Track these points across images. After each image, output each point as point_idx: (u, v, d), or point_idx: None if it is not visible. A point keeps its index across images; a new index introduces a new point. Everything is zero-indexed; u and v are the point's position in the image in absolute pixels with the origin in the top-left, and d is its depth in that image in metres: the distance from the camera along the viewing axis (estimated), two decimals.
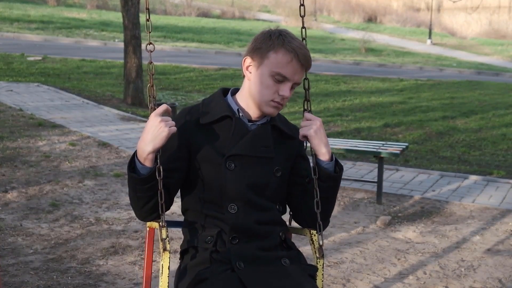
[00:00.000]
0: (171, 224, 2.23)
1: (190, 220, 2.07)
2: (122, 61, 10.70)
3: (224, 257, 1.96)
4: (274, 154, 2.04)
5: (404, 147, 5.77)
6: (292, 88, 2.01)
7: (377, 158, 5.64)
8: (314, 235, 2.11)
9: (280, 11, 34.40)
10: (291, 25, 32.07)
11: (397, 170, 6.86)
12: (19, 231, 4.38)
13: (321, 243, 2.06)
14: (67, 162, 6.11)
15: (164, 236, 1.89)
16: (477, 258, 4.33)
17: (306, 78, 2.07)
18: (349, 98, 12.49)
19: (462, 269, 4.12)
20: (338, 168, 2.05)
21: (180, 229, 2.16)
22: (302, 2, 2.09)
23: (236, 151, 1.98)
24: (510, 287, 3.88)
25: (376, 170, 5.83)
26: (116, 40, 19.77)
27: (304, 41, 2.04)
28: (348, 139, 7.99)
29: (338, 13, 38.60)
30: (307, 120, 2.02)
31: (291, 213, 2.19)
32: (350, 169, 6.82)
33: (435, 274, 4.03)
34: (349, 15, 38.11)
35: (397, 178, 6.50)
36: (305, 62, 1.97)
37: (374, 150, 5.60)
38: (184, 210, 2.12)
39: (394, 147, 5.69)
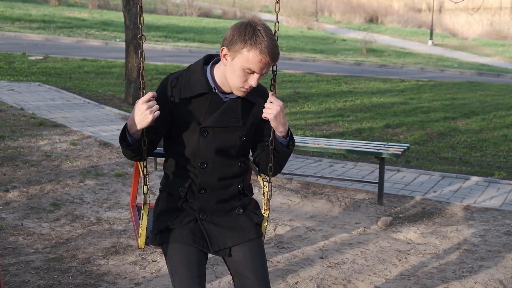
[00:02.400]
0: (157, 154, 2.82)
1: (169, 164, 2.48)
2: (123, 60, 10.70)
3: (192, 207, 2.40)
4: (242, 123, 2.40)
5: (405, 147, 5.76)
6: (260, 77, 2.31)
7: (378, 158, 5.64)
8: (266, 187, 2.52)
9: (281, 11, 34.37)
10: (292, 25, 32.12)
11: (398, 171, 6.85)
12: (20, 231, 4.38)
13: (269, 197, 2.50)
14: (68, 162, 6.11)
15: (145, 191, 2.36)
16: (478, 259, 4.32)
17: (274, 64, 2.36)
18: (350, 99, 12.48)
19: (463, 270, 4.12)
20: (292, 143, 2.45)
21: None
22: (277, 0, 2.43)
23: (210, 124, 2.36)
24: None
25: (377, 170, 5.83)
26: (118, 39, 19.77)
27: (275, 33, 2.31)
28: (349, 139, 7.98)
29: (339, 13, 38.61)
30: (270, 102, 2.33)
31: (253, 159, 2.59)
32: (351, 169, 6.81)
33: (436, 275, 4.02)
34: (350, 15, 38.12)
35: (398, 179, 6.50)
36: (273, 59, 2.27)
37: (375, 150, 5.59)
38: (165, 154, 2.50)
39: (395, 148, 5.68)
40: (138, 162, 2.57)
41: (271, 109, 2.31)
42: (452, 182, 6.44)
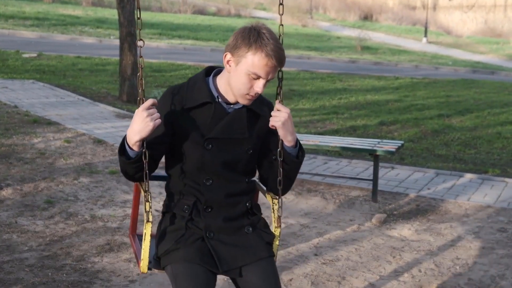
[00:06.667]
0: (157, 178, 2.72)
1: (171, 183, 2.37)
2: (117, 58, 10.68)
3: (197, 225, 2.28)
4: (248, 135, 2.30)
5: (399, 145, 5.77)
6: (266, 83, 2.22)
7: (372, 156, 5.64)
8: (276, 204, 2.40)
9: (275, 9, 34.36)
10: (287, 22, 32.00)
11: (393, 168, 6.87)
12: (14, 228, 4.37)
13: (280, 214, 2.37)
14: (62, 159, 6.10)
15: (147, 209, 2.22)
16: (472, 256, 4.34)
17: (280, 70, 2.25)
18: (345, 96, 12.50)
19: (457, 267, 4.14)
20: (301, 153, 2.33)
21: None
22: (281, 1, 2.29)
23: (214, 135, 2.25)
24: (504, 285, 3.89)
25: (372, 168, 5.84)
26: (112, 37, 19.72)
27: (280, 37, 2.23)
28: (343, 137, 7.99)
29: (334, 11, 38.63)
30: (277, 110, 2.24)
31: (259, 177, 2.47)
32: (345, 167, 6.82)
33: (430, 272, 4.04)
34: (345, 13, 38.14)
35: (392, 176, 6.51)
36: (279, 63, 2.18)
37: (370, 148, 5.60)
38: (167, 173, 2.39)
39: (389, 145, 5.69)
40: (139, 183, 2.43)
41: (278, 117, 2.22)
42: (446, 179, 6.46)
